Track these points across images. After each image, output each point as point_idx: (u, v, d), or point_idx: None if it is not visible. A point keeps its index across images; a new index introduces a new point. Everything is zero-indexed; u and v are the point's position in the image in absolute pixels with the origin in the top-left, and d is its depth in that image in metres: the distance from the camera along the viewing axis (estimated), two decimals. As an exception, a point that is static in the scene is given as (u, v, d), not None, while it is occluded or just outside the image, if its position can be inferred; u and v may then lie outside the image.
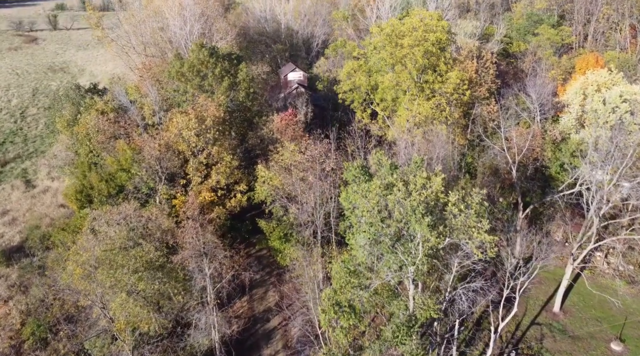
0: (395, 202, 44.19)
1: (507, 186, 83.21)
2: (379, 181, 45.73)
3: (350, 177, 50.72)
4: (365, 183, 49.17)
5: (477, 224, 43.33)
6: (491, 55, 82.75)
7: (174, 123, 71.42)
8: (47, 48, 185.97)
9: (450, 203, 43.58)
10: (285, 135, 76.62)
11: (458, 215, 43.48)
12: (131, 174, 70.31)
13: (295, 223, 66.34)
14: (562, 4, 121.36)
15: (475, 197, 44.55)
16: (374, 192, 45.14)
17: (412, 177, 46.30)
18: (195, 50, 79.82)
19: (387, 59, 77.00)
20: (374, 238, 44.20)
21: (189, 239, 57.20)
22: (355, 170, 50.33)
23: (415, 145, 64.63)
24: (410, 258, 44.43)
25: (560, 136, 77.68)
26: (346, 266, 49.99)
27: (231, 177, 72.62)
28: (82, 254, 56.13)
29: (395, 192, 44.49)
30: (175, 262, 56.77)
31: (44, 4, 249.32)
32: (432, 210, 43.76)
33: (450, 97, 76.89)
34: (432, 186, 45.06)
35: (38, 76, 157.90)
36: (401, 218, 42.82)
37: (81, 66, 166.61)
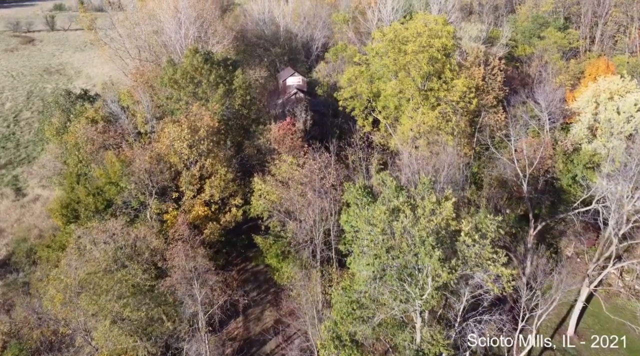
0: (402, 229, 39.45)
1: (514, 197, 78.59)
2: (384, 206, 40.96)
3: (352, 199, 45.98)
4: (368, 204, 44.48)
5: (493, 256, 38.57)
6: (499, 62, 77.79)
7: (166, 134, 66.68)
8: (43, 49, 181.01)
9: (464, 232, 38.78)
10: (283, 145, 71.82)
11: (472, 246, 38.72)
12: (120, 188, 65.57)
13: (293, 242, 61.57)
14: (568, 6, 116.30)
15: (490, 224, 39.76)
16: (379, 219, 40.41)
17: (420, 201, 41.55)
18: (189, 56, 74.95)
19: (390, 66, 72.17)
20: (379, 271, 39.48)
21: (179, 262, 52.47)
22: (357, 191, 45.58)
23: (420, 160, 59.65)
24: (418, 291, 39.76)
25: (572, 146, 72.86)
26: (347, 294, 45.40)
27: (226, 190, 67.92)
28: (63, 279, 51.55)
29: (402, 218, 39.76)
30: (164, 288, 52.01)
31: (42, 4, 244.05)
32: (443, 240, 39.02)
33: (456, 106, 72.07)
34: (442, 212, 40.32)
35: (33, 78, 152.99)
36: (409, 250, 38.05)
37: (78, 68, 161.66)
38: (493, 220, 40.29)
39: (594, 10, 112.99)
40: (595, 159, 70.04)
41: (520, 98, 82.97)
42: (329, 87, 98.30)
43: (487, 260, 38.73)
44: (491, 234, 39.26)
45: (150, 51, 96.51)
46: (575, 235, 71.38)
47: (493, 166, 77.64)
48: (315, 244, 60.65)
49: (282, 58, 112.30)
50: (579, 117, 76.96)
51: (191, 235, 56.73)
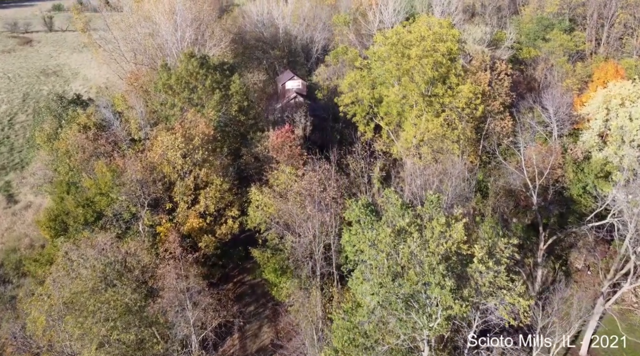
0: (410, 254, 35.84)
1: (521, 206, 74.96)
2: (389, 227, 37.32)
3: (354, 217, 42.37)
4: (372, 224, 40.87)
5: (508, 284, 34.91)
6: (505, 66, 74.05)
7: (159, 143, 63.09)
8: (41, 50, 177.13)
9: (477, 259, 35.12)
10: (281, 153, 68.17)
11: (485, 274, 35.06)
12: (111, 199, 61.97)
13: (292, 258, 57.96)
14: (573, 8, 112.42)
15: (505, 249, 36.12)
16: (384, 242, 36.79)
17: (428, 223, 37.92)
18: (184, 61, 71.30)
19: (393, 71, 68.46)
20: (384, 300, 35.85)
21: (170, 282, 48.88)
22: (360, 209, 41.96)
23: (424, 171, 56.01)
24: (426, 319, 36.15)
25: (582, 155, 69.20)
26: (349, 319, 41.82)
27: (221, 201, 64.36)
28: (47, 300, 48.02)
29: (409, 241, 36.13)
30: (153, 312, 48.38)
31: (41, 4, 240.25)
32: (454, 266, 35.37)
33: (461, 112, 68.41)
34: (452, 234, 36.70)
35: (30, 80, 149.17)
36: (417, 280, 34.42)
37: (75, 70, 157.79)
38: (508, 243, 36.65)
39: (600, 11, 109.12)
40: (607, 168, 66.45)
41: (527, 103, 79.32)
42: (329, 91, 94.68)
43: (501, 288, 35.11)
44: (506, 260, 35.61)
45: (145, 54, 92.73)
46: (586, 247, 67.75)
47: (499, 174, 74.08)
48: (315, 259, 57.03)
49: (281, 61, 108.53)
50: (589, 124, 73.29)
51: (183, 253, 52.94)
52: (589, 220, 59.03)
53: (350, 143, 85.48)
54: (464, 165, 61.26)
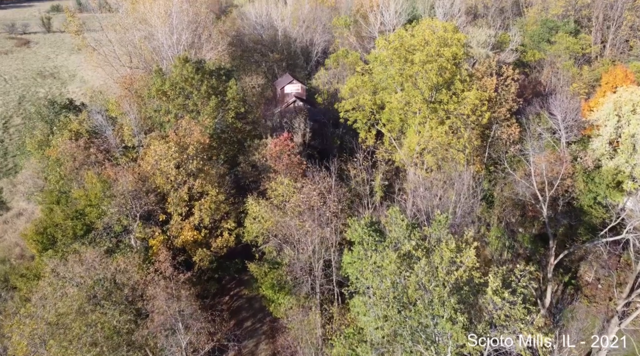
0: (417, 283, 32.48)
1: (529, 216, 71.72)
2: (394, 253, 33.94)
3: (356, 238, 39.02)
4: (375, 245, 37.53)
5: (526, 317, 31.52)
6: (512, 71, 70.57)
7: (151, 152, 59.70)
8: (38, 52, 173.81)
9: (491, 290, 31.68)
10: (279, 162, 64.76)
11: (501, 306, 31.64)
12: (101, 211, 58.61)
13: (290, 275, 54.57)
14: (579, 9, 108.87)
15: (522, 279, 32.73)
16: (389, 269, 33.43)
17: (436, 247, 34.57)
18: (178, 66, 67.83)
19: (396, 77, 65.09)
20: (389, 334, 32.49)
21: (160, 304, 45.52)
22: (362, 229, 38.61)
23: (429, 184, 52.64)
24: (435, 354, 32.79)
25: (593, 164, 65.81)
26: (350, 347, 38.47)
27: (217, 212, 61.02)
28: (29, 323, 44.71)
29: (416, 269, 32.77)
30: (141, 338, 45.03)
31: (39, 5, 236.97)
32: (466, 297, 32.00)
33: (466, 120, 65.05)
34: (464, 260, 33.34)
35: (26, 82, 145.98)
36: (426, 314, 31.06)
37: (72, 71, 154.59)
38: (524, 271, 33.27)
39: (606, 13, 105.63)
40: (618, 178, 63.14)
41: (534, 109, 75.90)
42: (329, 95, 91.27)
43: (518, 321, 31.71)
44: (522, 290, 32.25)
45: (141, 58, 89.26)
46: (596, 260, 64.42)
47: (505, 183, 70.76)
48: (315, 276, 53.67)
49: (280, 64, 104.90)
50: (599, 131, 69.86)
51: (175, 273, 49.55)
52: (603, 235, 55.60)
53: (351, 150, 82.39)
54: (470, 175, 57.89)
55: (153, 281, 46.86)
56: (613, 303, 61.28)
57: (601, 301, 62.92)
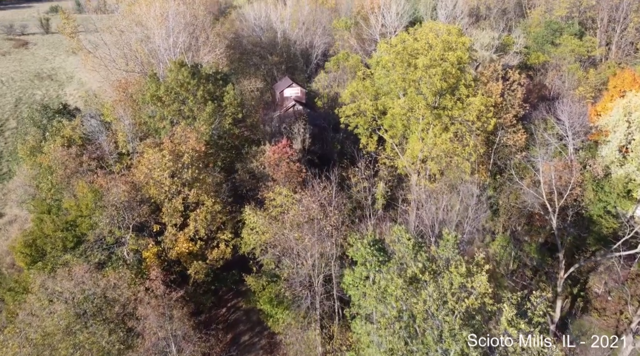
0: (425, 312, 29.73)
1: (536, 225, 68.99)
2: (400, 278, 31.16)
3: (359, 258, 36.26)
4: (379, 266, 34.78)
5: (544, 350, 28.70)
6: (519, 76, 67.71)
7: (144, 161, 56.94)
8: (36, 53, 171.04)
9: (505, 320, 28.87)
10: (278, 171, 62.02)
11: (516, 339, 28.82)
12: (93, 222, 55.87)
13: (289, 290, 51.81)
14: (583, 11, 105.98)
15: (538, 307, 29.94)
16: (395, 295, 30.66)
17: (445, 271, 31.80)
18: (173, 71, 65.05)
19: (398, 82, 62.27)
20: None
21: (151, 326, 42.78)
22: (365, 249, 35.86)
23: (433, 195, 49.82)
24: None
25: (603, 172, 63.05)
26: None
27: (213, 223, 58.31)
28: (12, 346, 42.00)
29: (424, 296, 30.00)
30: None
31: (39, 6, 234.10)
32: (478, 328, 29.22)
33: (471, 126, 62.27)
34: (475, 285, 30.56)
35: (23, 84, 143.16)
36: (436, 348, 28.28)
37: (70, 73, 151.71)
38: (541, 296, 30.48)
39: (611, 15, 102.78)
40: (629, 186, 60.38)
41: (540, 113, 73.12)
42: (329, 99, 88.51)
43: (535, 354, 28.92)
44: (539, 319, 29.47)
45: (136, 61, 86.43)
46: (607, 272, 61.65)
47: (511, 191, 67.98)
48: (315, 291, 50.92)
49: (279, 66, 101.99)
50: (608, 137, 67.10)
51: (167, 291, 46.76)
52: (617, 249, 52.82)
53: (352, 156, 79.67)
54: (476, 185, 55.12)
55: (143, 301, 43.93)
56: (624, 317, 58.55)
57: (612, 315, 60.17)
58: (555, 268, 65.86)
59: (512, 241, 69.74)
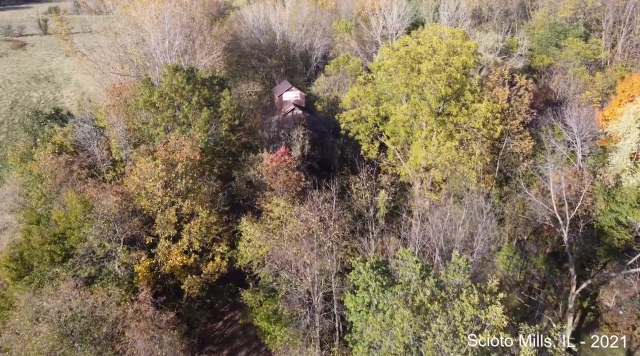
0: (435, 349, 26.76)
1: (545, 236, 66.08)
2: (407, 311, 28.19)
3: (361, 283, 33.30)
4: (382, 292, 31.83)
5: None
6: (526, 81, 64.63)
7: (136, 171, 53.93)
8: (34, 54, 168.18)
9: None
10: (276, 180, 59.02)
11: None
12: (82, 234, 52.89)
13: (287, 307, 48.84)
14: (589, 12, 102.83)
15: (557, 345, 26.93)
16: (401, 328, 27.71)
17: (456, 300, 28.84)
18: (167, 75, 62.04)
19: (401, 88, 59.26)
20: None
21: (140, 348, 39.82)
22: (368, 273, 32.88)
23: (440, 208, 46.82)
24: None
25: (614, 181, 60.04)
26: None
27: (208, 235, 55.34)
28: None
29: (433, 329, 27.06)
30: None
31: (37, 6, 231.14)
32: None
33: (477, 133, 59.28)
34: (489, 317, 27.61)
35: (20, 86, 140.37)
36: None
37: (67, 75, 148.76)
38: (560, 330, 27.52)
39: (617, 17, 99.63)
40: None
41: (547, 119, 70.07)
42: (329, 103, 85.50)
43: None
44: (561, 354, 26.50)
45: (132, 64, 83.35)
46: (618, 285, 58.66)
47: (517, 200, 65.05)
48: (314, 308, 47.93)
49: (278, 69, 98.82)
50: (618, 144, 64.03)
51: (157, 313, 43.76)
52: (632, 265, 49.85)
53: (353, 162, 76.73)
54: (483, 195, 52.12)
55: (131, 324, 40.96)
56: (637, 333, 55.63)
57: (624, 330, 57.19)
58: (564, 281, 62.99)
59: (519, 251, 66.89)
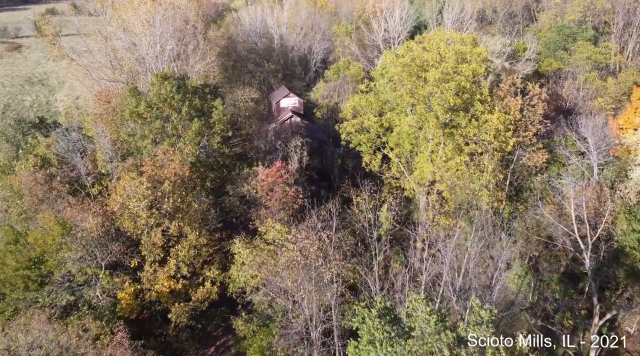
0: None
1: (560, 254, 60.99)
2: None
3: (366, 333, 28.23)
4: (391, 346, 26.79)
5: None
6: (540, 90, 59.42)
7: (120, 189, 48.85)
8: (29, 56, 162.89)
9: None
10: (271, 198, 53.94)
11: None
12: (60, 258, 47.89)
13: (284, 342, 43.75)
14: (598, 14, 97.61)
15: None
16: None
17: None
18: (156, 84, 56.88)
19: (406, 98, 54.09)
20: None
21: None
22: (373, 322, 27.82)
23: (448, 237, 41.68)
24: None
25: (635, 198, 54.95)
26: None
27: (198, 258, 50.32)
28: None
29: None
30: None
31: (36, 8, 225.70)
32: None
33: (488, 146, 54.14)
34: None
35: (13, 89, 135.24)
36: None
37: (62, 78, 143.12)
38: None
39: (627, 19, 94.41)
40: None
41: (561, 129, 65.01)
42: (329, 110, 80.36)
43: None
44: None
45: (122, 70, 78.18)
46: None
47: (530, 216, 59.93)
48: (313, 342, 42.83)
49: (276, 74, 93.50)
50: (637, 157, 58.95)
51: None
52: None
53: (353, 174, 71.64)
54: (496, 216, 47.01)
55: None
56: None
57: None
58: (580, 303, 57.93)
59: (531, 270, 61.82)
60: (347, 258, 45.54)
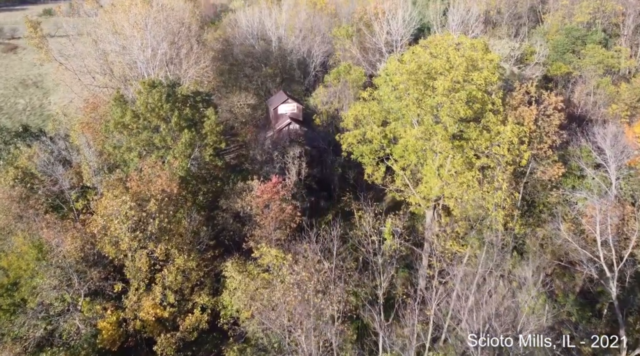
0: None
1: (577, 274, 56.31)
2: None
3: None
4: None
5: None
6: (556, 99, 54.46)
7: (101, 209, 44.09)
8: (25, 58, 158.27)
9: None
10: (267, 215, 49.15)
11: None
12: (36, 284, 43.18)
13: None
14: (608, 16, 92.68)
15: None
16: None
17: None
18: (143, 93, 52.03)
19: (412, 108, 49.22)
20: None
21: None
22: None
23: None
24: None
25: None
26: None
27: (186, 283, 45.58)
28: None
29: None
30: None
31: (33, 8, 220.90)
32: None
33: (501, 160, 49.30)
34: None
35: (7, 92, 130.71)
36: None
37: (57, 80, 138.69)
38: None
39: (639, 22, 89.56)
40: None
41: (575, 138, 60.27)
42: (329, 116, 75.56)
43: None
44: None
45: (112, 75, 73.37)
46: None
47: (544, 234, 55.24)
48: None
49: (274, 79, 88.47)
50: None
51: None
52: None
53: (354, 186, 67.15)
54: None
55: None
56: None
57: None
58: (599, 327, 53.15)
59: (546, 291, 56.95)
60: (349, 284, 40.78)
